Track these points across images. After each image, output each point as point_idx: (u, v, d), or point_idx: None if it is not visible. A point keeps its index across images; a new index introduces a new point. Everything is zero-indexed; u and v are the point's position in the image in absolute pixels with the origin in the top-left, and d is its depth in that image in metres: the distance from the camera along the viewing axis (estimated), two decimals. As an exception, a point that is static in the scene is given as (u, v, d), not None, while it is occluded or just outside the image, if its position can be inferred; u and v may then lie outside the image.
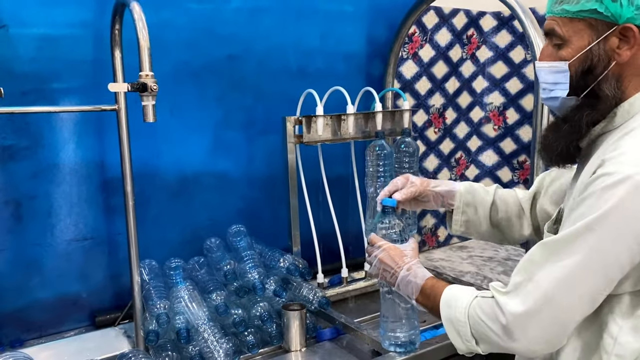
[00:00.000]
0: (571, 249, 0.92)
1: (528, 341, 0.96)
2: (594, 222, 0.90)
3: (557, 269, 0.93)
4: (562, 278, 0.92)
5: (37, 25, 1.47)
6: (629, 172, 0.88)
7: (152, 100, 1.20)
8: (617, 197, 0.88)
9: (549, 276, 0.93)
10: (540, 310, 0.94)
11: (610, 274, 0.92)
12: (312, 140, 1.74)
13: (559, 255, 0.93)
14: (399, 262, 1.21)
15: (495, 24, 2.33)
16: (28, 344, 1.56)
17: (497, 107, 2.39)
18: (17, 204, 1.52)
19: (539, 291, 0.94)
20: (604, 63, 0.98)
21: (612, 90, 0.98)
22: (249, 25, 1.81)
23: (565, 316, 0.94)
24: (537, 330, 0.95)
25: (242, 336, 1.50)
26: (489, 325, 1.00)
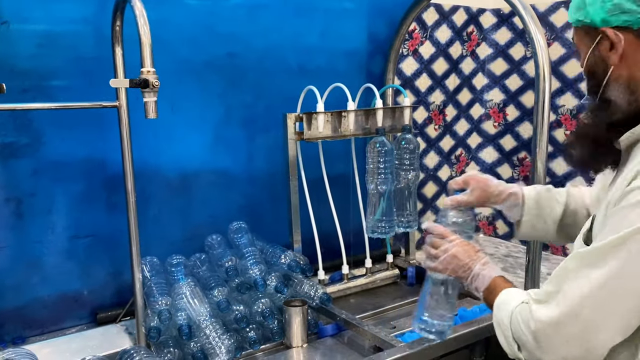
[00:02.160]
0: (603, 262, 0.88)
1: (554, 353, 0.94)
2: (627, 236, 0.87)
3: (587, 281, 0.90)
4: (591, 291, 0.89)
5: (38, 22, 1.47)
6: None
7: (153, 96, 1.20)
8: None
9: (578, 288, 0.90)
10: (566, 323, 0.91)
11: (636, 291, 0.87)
12: (312, 137, 1.75)
13: (590, 267, 0.90)
14: (474, 257, 1.20)
15: (495, 20, 2.33)
16: (30, 340, 1.56)
17: (497, 104, 2.39)
18: (18, 201, 1.52)
19: (566, 302, 0.91)
20: (602, 68, 0.99)
21: (620, 94, 0.97)
22: (249, 22, 1.81)
23: (591, 333, 0.90)
24: (562, 343, 0.92)
25: (243, 332, 1.50)
26: (523, 331, 0.99)
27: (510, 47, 2.32)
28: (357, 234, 1.96)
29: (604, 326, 0.89)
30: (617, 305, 0.88)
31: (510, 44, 2.32)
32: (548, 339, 0.94)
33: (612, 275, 0.87)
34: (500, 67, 2.35)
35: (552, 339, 0.93)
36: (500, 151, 2.42)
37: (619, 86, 0.97)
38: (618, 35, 0.95)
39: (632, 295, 0.87)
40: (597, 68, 1.00)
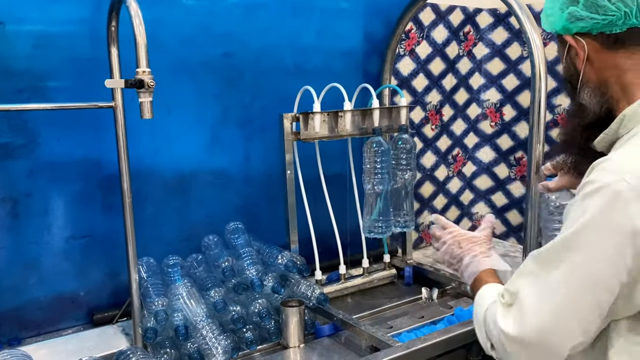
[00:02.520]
0: (555, 264, 0.88)
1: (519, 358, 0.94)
2: (571, 235, 0.87)
3: (543, 286, 0.89)
4: (547, 298, 0.88)
5: (34, 22, 1.47)
6: (608, 180, 0.84)
7: (149, 96, 1.19)
8: (592, 208, 0.84)
9: (535, 295, 0.90)
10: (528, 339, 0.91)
11: (597, 292, 0.85)
12: (309, 137, 1.74)
13: (544, 270, 0.90)
14: (465, 249, 1.22)
15: (492, 20, 2.33)
16: (26, 342, 1.55)
17: (493, 104, 2.39)
18: (13, 202, 1.52)
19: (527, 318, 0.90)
20: (575, 74, 1.03)
21: (589, 98, 1.01)
22: (245, 22, 1.81)
23: (554, 341, 0.89)
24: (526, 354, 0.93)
25: (240, 333, 1.50)
26: (493, 332, 0.99)
27: (507, 47, 2.32)
28: (354, 234, 1.96)
29: (563, 331, 0.88)
30: (573, 306, 0.87)
31: (506, 44, 2.32)
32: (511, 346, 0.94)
33: (564, 277, 0.87)
34: (497, 67, 2.35)
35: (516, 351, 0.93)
36: (497, 151, 2.42)
37: (590, 90, 1.01)
38: (580, 42, 0.99)
39: (585, 295, 0.86)
40: (571, 74, 1.04)
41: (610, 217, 0.83)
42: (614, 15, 0.94)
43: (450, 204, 2.44)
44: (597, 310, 0.87)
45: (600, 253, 0.84)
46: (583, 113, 1.02)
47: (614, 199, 0.83)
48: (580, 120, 1.03)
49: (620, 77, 0.98)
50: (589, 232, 0.85)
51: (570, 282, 0.86)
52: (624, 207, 0.82)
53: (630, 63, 0.96)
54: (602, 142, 1.01)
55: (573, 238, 0.86)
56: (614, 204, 0.83)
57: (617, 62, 0.97)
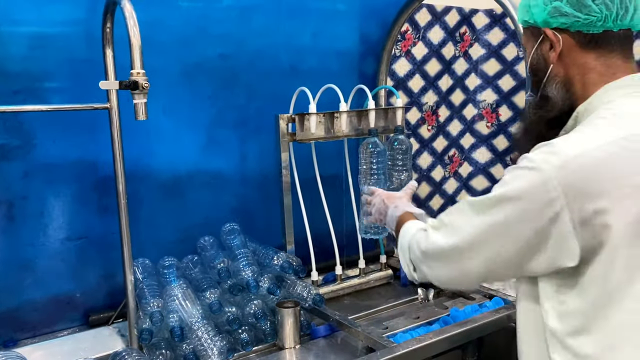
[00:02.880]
0: (482, 212, 0.99)
1: (436, 271, 1.09)
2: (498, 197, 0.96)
3: (469, 223, 1.01)
4: (470, 232, 1.00)
5: (29, 24, 1.47)
6: (537, 159, 0.92)
7: (143, 98, 1.20)
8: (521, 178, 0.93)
9: (462, 227, 1.02)
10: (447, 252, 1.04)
11: (505, 246, 0.96)
12: (305, 138, 1.75)
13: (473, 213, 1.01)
14: (388, 203, 1.39)
15: (488, 21, 2.34)
16: (21, 343, 1.55)
17: (490, 105, 2.40)
18: (9, 204, 1.52)
19: (452, 237, 1.04)
20: (543, 66, 1.07)
21: (556, 92, 1.05)
22: (241, 23, 1.81)
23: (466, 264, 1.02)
24: (442, 265, 1.07)
25: (236, 334, 1.50)
26: (416, 250, 1.13)
27: (503, 47, 2.32)
28: (350, 235, 1.96)
29: (474, 260, 1.01)
30: (486, 247, 0.99)
31: (502, 45, 2.32)
32: (432, 259, 1.09)
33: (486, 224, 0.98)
34: (493, 67, 2.36)
35: (435, 260, 1.08)
36: (494, 151, 2.43)
37: (557, 84, 1.05)
38: (557, 36, 1.03)
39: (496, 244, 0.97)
40: (539, 66, 1.08)
41: (532, 190, 0.91)
42: (595, 16, 0.98)
43: (447, 204, 2.44)
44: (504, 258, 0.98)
45: (519, 216, 0.93)
46: (548, 106, 1.06)
47: (537, 175, 0.91)
48: (545, 113, 1.07)
49: (584, 75, 1.03)
50: (513, 197, 0.94)
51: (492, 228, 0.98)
52: (545, 182, 0.90)
53: (596, 64, 1.01)
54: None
55: (500, 198, 0.96)
56: (536, 180, 0.91)
57: (585, 61, 1.02)
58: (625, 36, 1.02)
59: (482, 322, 1.55)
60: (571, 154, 0.90)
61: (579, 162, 0.90)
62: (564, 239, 0.90)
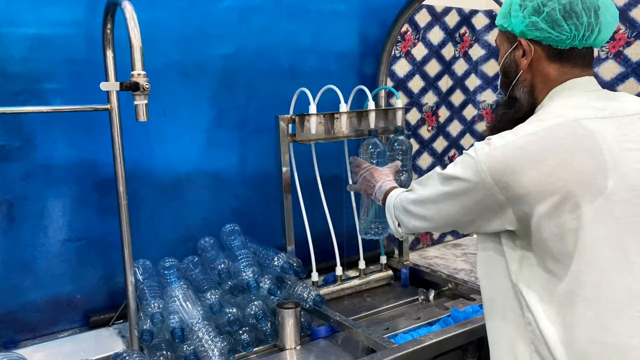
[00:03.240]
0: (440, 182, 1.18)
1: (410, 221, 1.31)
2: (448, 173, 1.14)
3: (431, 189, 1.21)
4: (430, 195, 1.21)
5: (29, 25, 1.47)
6: (476, 149, 1.08)
7: (144, 99, 1.19)
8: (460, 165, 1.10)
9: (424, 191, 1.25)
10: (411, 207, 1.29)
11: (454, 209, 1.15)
12: (305, 139, 1.75)
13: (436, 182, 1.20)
14: (378, 178, 1.57)
15: (488, 22, 2.34)
16: (22, 344, 1.55)
17: (490, 105, 2.40)
18: (9, 205, 1.52)
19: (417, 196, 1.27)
20: (513, 70, 1.18)
21: (523, 94, 1.17)
22: (241, 24, 1.81)
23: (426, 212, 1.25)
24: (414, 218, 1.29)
25: (236, 335, 1.50)
26: (399, 210, 1.35)
27: (503, 48, 2.32)
28: (351, 236, 1.96)
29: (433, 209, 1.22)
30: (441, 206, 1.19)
31: (502, 45, 2.32)
32: (407, 210, 1.31)
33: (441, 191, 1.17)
34: (493, 68, 2.36)
35: (409, 210, 1.30)
36: (493, 152, 2.43)
37: (524, 88, 1.17)
38: (530, 46, 1.14)
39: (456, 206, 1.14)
40: (510, 69, 1.19)
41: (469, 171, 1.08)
42: (565, 35, 1.09)
43: (447, 205, 2.44)
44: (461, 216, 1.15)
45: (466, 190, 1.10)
46: (517, 106, 1.18)
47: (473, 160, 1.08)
48: (513, 113, 1.18)
49: (545, 84, 1.15)
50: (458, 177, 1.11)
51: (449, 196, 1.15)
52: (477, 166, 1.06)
53: (555, 74, 1.13)
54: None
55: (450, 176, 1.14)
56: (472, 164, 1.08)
57: (548, 71, 1.14)
58: (587, 52, 1.14)
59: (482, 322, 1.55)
60: (499, 144, 1.06)
61: (503, 149, 1.05)
62: (502, 209, 1.06)
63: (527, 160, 1.02)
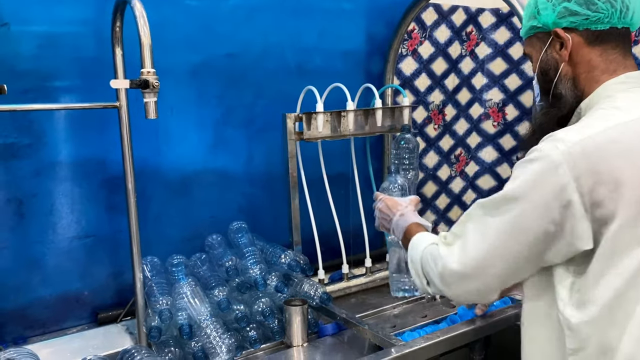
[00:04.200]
0: (495, 213, 1.01)
1: (456, 290, 1.10)
2: (509, 191, 0.99)
3: (484, 228, 1.03)
4: (487, 239, 1.02)
5: (39, 23, 1.48)
6: (545, 148, 0.96)
7: (153, 97, 1.20)
8: (531, 170, 0.97)
9: (477, 235, 1.04)
10: (467, 268, 1.05)
11: (527, 241, 0.98)
12: (312, 137, 1.75)
13: (487, 216, 1.03)
14: (394, 210, 1.38)
15: (494, 20, 2.34)
16: (31, 340, 1.56)
17: (496, 104, 2.40)
18: (19, 202, 1.53)
19: (468, 251, 1.05)
20: (554, 66, 1.11)
21: (567, 89, 1.10)
22: (248, 23, 1.82)
23: (489, 275, 1.04)
24: (463, 284, 1.08)
25: (244, 332, 1.50)
26: (432, 268, 1.13)
27: (510, 46, 2.32)
28: (357, 234, 1.97)
29: (497, 267, 1.02)
30: (507, 249, 1.01)
31: (509, 44, 2.32)
32: (452, 279, 1.09)
33: (502, 223, 1.00)
34: (500, 66, 2.36)
35: (455, 280, 1.08)
36: (500, 151, 2.43)
37: (567, 82, 1.10)
38: (567, 35, 1.08)
39: (518, 241, 0.99)
40: (549, 67, 1.12)
41: (543, 179, 0.95)
42: (602, 13, 1.04)
43: (453, 203, 2.44)
44: (528, 258, 1.00)
45: (533, 208, 0.96)
46: (561, 104, 1.11)
47: (546, 163, 0.95)
48: (558, 111, 1.11)
49: (589, 73, 1.08)
50: (525, 190, 0.97)
51: (506, 229, 1.00)
52: (554, 169, 0.94)
53: (599, 61, 1.07)
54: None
55: (511, 194, 0.99)
56: (546, 168, 0.95)
57: (590, 58, 1.07)
58: (626, 34, 1.08)
59: (489, 320, 1.55)
60: (576, 139, 0.95)
61: (584, 145, 0.94)
62: (578, 222, 0.94)
63: (617, 156, 0.94)
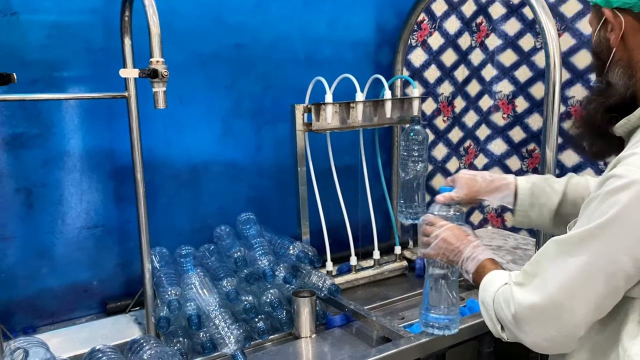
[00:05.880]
0: (577, 251, 0.91)
1: (533, 335, 0.98)
2: (597, 227, 0.89)
3: (563, 267, 0.93)
4: (567, 278, 0.92)
5: (47, 12, 1.47)
6: (636, 177, 0.86)
7: (162, 86, 1.20)
8: (621, 204, 0.86)
9: (555, 274, 0.94)
10: (544, 308, 0.95)
11: (613, 280, 0.89)
12: (321, 128, 1.74)
13: (566, 254, 0.93)
14: (464, 240, 1.22)
15: (505, 11, 2.31)
16: (40, 330, 1.57)
17: (506, 96, 2.38)
18: (28, 192, 1.53)
19: (543, 288, 0.95)
20: (606, 50, 1.00)
21: (619, 78, 0.98)
22: (257, 13, 1.81)
23: (568, 318, 0.93)
24: (540, 326, 0.96)
25: (252, 322, 1.50)
26: (504, 311, 1.02)
27: (520, 38, 2.30)
28: (365, 226, 1.96)
29: (578, 310, 0.92)
30: (589, 291, 0.91)
31: (519, 35, 2.30)
32: (527, 322, 0.98)
33: (585, 263, 0.90)
34: (510, 58, 2.33)
35: (531, 322, 0.97)
36: (510, 143, 2.41)
37: (620, 69, 0.98)
38: (618, 17, 0.96)
39: (603, 281, 0.90)
40: (601, 49, 1.01)
41: (636, 214, 0.86)
42: None
43: (462, 196, 2.43)
44: (612, 296, 0.91)
45: (622, 245, 0.87)
46: (609, 92, 0.99)
47: (635, 188, 0.85)
48: (604, 100, 1.00)
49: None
50: (612, 227, 0.87)
51: (590, 269, 0.90)
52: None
53: None
54: (623, 128, 0.98)
55: (599, 229, 0.89)
56: (634, 193, 0.85)
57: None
58: None
59: (498, 313, 1.55)
60: None
61: None
62: None
63: None
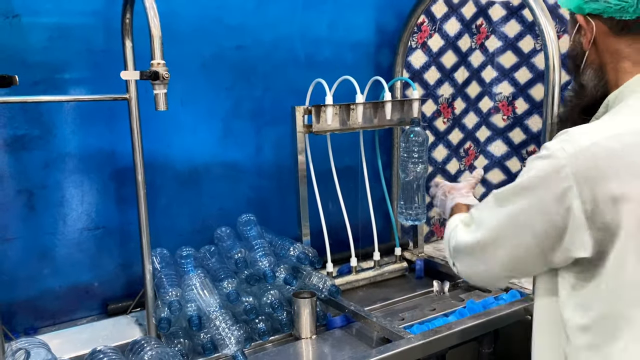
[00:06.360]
0: (503, 203, 1.02)
1: (463, 266, 1.14)
2: (516, 186, 0.99)
3: (493, 216, 1.04)
4: (494, 226, 1.04)
5: (49, 15, 1.48)
6: (553, 148, 0.93)
7: (163, 88, 1.20)
8: (537, 169, 0.95)
9: (487, 221, 1.06)
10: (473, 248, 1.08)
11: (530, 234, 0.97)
12: (321, 130, 1.75)
13: (497, 205, 1.04)
14: (447, 194, 1.46)
15: (505, 13, 2.32)
16: (41, 331, 1.57)
17: (506, 97, 2.38)
18: (29, 194, 1.53)
19: (477, 232, 1.07)
20: (579, 53, 1.07)
21: (590, 80, 1.06)
22: (257, 14, 1.81)
23: (491, 258, 1.05)
24: (470, 261, 1.11)
25: (253, 323, 1.51)
26: (450, 244, 1.18)
27: (520, 39, 2.30)
28: (365, 227, 1.96)
29: (499, 253, 1.04)
30: (508, 240, 1.02)
31: (519, 37, 2.30)
32: (461, 255, 1.14)
33: (506, 215, 1.01)
34: (510, 60, 2.34)
35: (464, 257, 1.13)
36: (510, 144, 2.41)
37: (592, 71, 1.06)
38: (590, 22, 1.03)
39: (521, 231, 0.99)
40: (576, 53, 1.09)
41: (547, 178, 0.93)
42: (626, 2, 0.98)
43: (462, 197, 2.43)
44: (527, 248, 1.00)
45: (536, 206, 0.96)
46: (583, 94, 1.08)
47: (552, 163, 0.93)
48: (579, 101, 1.08)
49: (617, 63, 1.03)
50: (530, 186, 0.97)
51: (512, 219, 1.00)
52: (558, 171, 0.91)
53: (629, 51, 1.01)
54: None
55: (518, 187, 0.99)
56: (550, 168, 0.93)
57: (618, 48, 1.02)
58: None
59: (498, 314, 1.55)
60: (586, 143, 0.91)
61: (593, 150, 0.90)
62: (578, 229, 0.91)
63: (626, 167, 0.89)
